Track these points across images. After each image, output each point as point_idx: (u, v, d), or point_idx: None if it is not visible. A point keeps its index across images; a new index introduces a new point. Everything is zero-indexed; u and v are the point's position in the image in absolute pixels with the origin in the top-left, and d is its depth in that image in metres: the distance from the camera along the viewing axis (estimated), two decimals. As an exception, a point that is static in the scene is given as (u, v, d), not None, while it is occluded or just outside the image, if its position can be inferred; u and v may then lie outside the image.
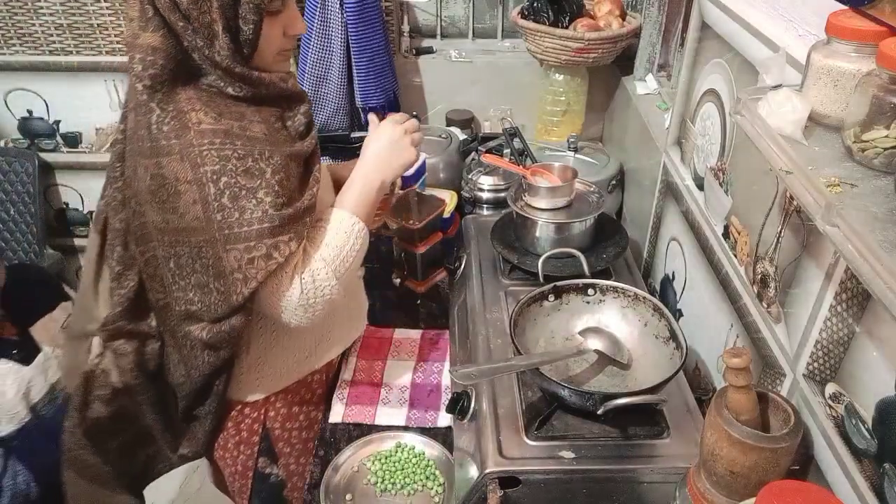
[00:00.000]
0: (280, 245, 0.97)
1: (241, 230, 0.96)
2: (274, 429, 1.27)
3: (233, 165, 0.95)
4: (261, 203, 0.96)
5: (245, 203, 0.95)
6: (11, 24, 2.14)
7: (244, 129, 0.97)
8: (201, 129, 0.94)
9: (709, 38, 1.28)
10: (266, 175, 0.97)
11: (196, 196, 0.95)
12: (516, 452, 1.01)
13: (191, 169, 0.94)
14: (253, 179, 0.96)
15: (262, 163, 0.97)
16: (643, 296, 1.19)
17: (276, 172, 0.98)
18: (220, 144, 0.94)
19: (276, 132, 1.02)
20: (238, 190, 0.95)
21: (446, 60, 2.17)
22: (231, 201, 0.95)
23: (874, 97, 0.67)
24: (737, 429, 0.80)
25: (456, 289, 1.51)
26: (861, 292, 0.77)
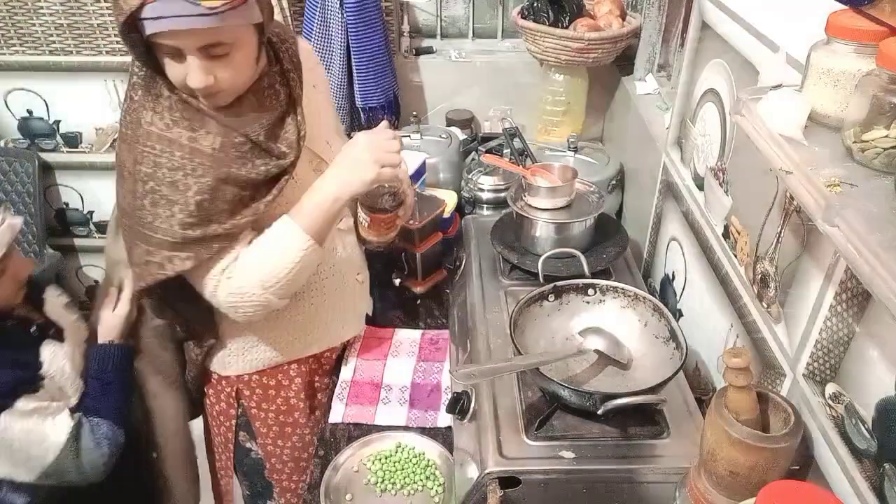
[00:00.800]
0: (174, 260, 1.02)
1: (148, 233, 1.02)
2: (250, 407, 1.33)
3: (162, 174, 0.99)
4: (172, 217, 1.00)
5: (161, 211, 1.00)
6: (11, 24, 2.14)
7: (193, 140, 1.00)
8: (149, 130, 1.00)
9: (709, 38, 1.28)
10: (188, 193, 0.99)
11: (131, 187, 1.02)
12: (516, 452, 1.01)
13: (132, 163, 1.01)
14: (175, 193, 1.00)
15: (191, 179, 1.00)
16: (643, 296, 1.19)
17: (200, 193, 1.00)
18: (158, 151, 0.99)
19: (228, 148, 1.02)
20: (159, 198, 1.00)
21: (446, 60, 2.17)
22: (151, 205, 1.01)
23: (874, 97, 0.67)
24: (737, 429, 0.80)
25: (456, 289, 1.51)
26: (861, 292, 0.77)
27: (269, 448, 1.36)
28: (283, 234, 1.07)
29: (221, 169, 1.01)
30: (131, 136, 1.01)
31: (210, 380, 1.34)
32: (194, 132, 1.01)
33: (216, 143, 1.01)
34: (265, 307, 1.10)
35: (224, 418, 1.36)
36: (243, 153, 1.03)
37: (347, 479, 1.17)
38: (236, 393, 1.32)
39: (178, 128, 1.00)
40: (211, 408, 1.37)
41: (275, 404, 1.33)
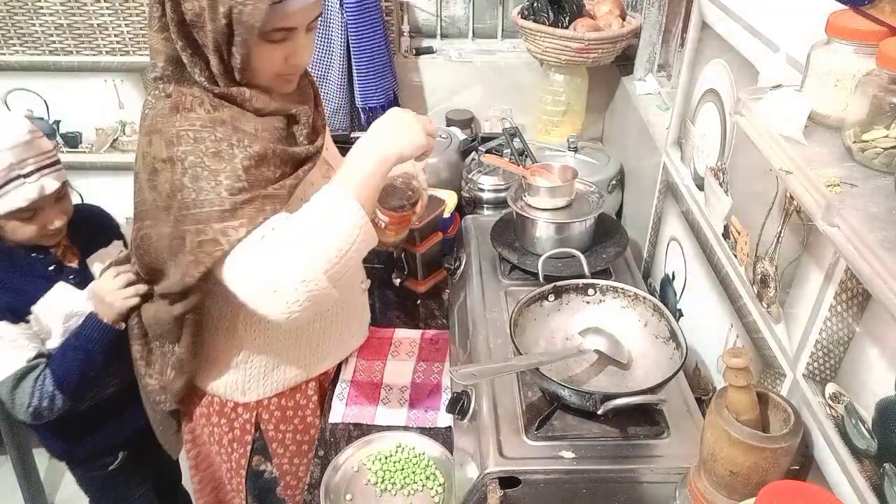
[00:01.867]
0: (228, 231, 0.93)
1: (194, 212, 0.94)
2: (268, 430, 1.28)
3: (205, 147, 0.94)
4: (218, 185, 0.93)
5: (204, 184, 0.94)
6: (11, 24, 2.14)
7: (236, 119, 0.98)
8: (189, 115, 0.96)
9: (709, 38, 1.28)
10: (235, 160, 0.94)
11: (168, 175, 0.95)
12: (516, 452, 1.01)
13: (166, 147, 0.95)
14: (220, 162, 0.94)
15: (237, 149, 0.95)
16: (643, 296, 1.19)
17: (248, 159, 0.95)
18: (199, 127, 0.95)
19: (271, 131, 1.01)
20: (201, 170, 0.94)
21: (446, 60, 2.17)
22: (192, 181, 0.94)
23: (874, 97, 0.67)
24: (737, 429, 0.80)
25: (456, 289, 1.51)
26: (861, 292, 0.77)
27: (286, 467, 1.32)
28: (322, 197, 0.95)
29: (266, 144, 0.98)
30: (163, 125, 0.96)
31: (222, 409, 1.26)
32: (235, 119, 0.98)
33: (258, 126, 0.99)
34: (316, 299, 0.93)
35: (238, 445, 1.29)
36: (282, 137, 1.02)
37: (347, 479, 1.17)
38: (255, 418, 1.27)
39: (220, 112, 0.98)
40: (221, 437, 1.29)
41: (292, 424, 1.30)
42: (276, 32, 0.95)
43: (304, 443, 1.32)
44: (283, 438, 1.30)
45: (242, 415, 1.26)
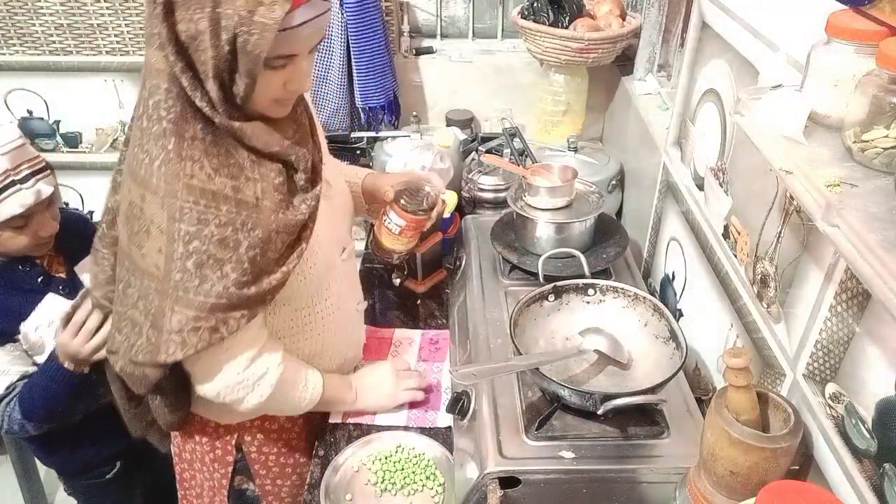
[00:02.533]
0: (230, 321, 0.94)
1: (196, 298, 0.92)
2: (250, 452, 1.24)
3: (209, 232, 0.90)
4: (224, 278, 0.91)
5: (209, 272, 0.91)
6: (11, 24, 2.14)
7: (237, 190, 0.92)
8: (191, 183, 0.90)
9: (709, 38, 1.28)
10: (240, 248, 0.92)
11: (163, 247, 0.91)
12: (516, 452, 1.01)
13: (167, 220, 0.90)
14: (225, 251, 0.91)
15: (241, 234, 0.92)
16: (643, 296, 1.19)
17: (252, 248, 0.93)
18: (203, 206, 0.90)
19: (271, 193, 0.95)
20: (206, 258, 0.91)
21: (446, 60, 2.17)
22: (195, 267, 0.91)
23: (874, 97, 0.67)
24: (737, 429, 0.80)
25: (456, 289, 1.51)
26: (861, 292, 0.77)
27: (268, 488, 1.29)
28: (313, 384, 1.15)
29: (270, 220, 0.94)
30: (166, 190, 0.90)
31: (203, 428, 1.23)
32: (236, 180, 0.92)
33: (258, 191, 0.93)
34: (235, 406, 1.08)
35: (219, 465, 1.25)
36: (284, 195, 0.96)
37: (347, 479, 1.17)
38: (237, 439, 1.23)
39: (221, 177, 0.91)
40: (203, 455, 1.26)
41: (276, 446, 1.26)
42: (279, 59, 0.89)
43: (287, 465, 1.28)
44: (265, 461, 1.26)
45: (224, 436, 1.23)
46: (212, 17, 0.82)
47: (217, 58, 0.84)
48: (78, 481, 1.60)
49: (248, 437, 1.23)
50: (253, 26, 0.81)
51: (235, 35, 0.82)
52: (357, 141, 2.09)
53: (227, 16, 0.81)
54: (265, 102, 0.93)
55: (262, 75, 0.88)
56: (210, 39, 0.83)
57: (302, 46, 0.90)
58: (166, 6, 0.84)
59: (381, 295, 1.63)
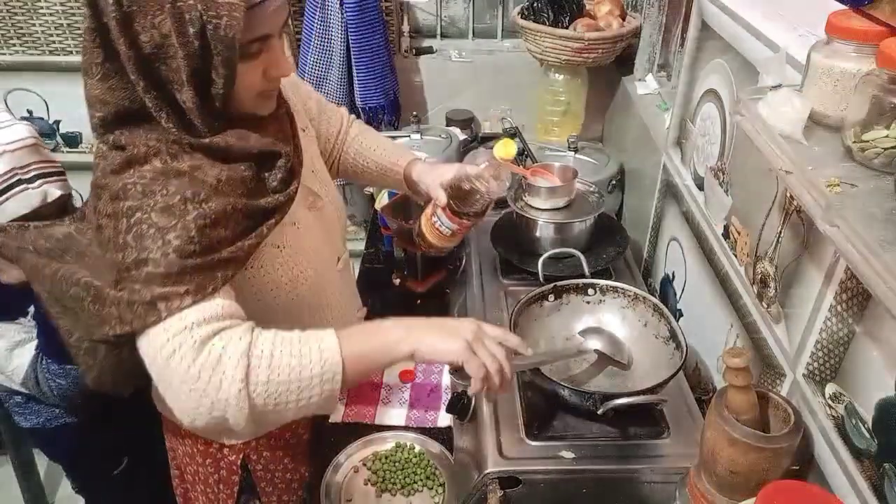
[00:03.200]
0: (170, 297, 0.79)
1: (133, 273, 0.81)
2: (256, 470, 1.21)
3: (153, 202, 0.81)
4: (166, 245, 0.80)
5: (149, 243, 0.80)
6: (11, 24, 2.14)
7: (195, 168, 0.85)
8: (141, 169, 0.83)
9: (709, 38, 1.28)
10: (187, 217, 0.82)
11: (110, 233, 0.83)
12: (516, 452, 1.01)
13: (111, 203, 0.83)
14: (170, 218, 0.81)
15: (191, 204, 0.82)
16: (643, 296, 1.19)
17: (203, 217, 0.82)
18: (149, 179, 0.82)
19: (235, 182, 0.88)
20: (147, 228, 0.81)
21: (446, 60, 2.17)
22: (135, 239, 0.81)
23: (874, 97, 0.67)
24: (737, 429, 0.80)
25: (456, 289, 1.51)
26: (861, 292, 0.77)
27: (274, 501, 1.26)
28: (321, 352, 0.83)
29: (227, 199, 0.86)
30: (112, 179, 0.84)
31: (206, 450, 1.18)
32: (198, 161, 0.86)
33: (222, 175, 0.86)
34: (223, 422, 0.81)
35: (224, 486, 1.20)
36: (249, 190, 0.89)
37: (347, 479, 1.17)
38: (243, 459, 1.18)
39: (178, 161, 0.85)
40: (207, 477, 1.20)
41: (282, 464, 1.23)
42: (253, 44, 0.82)
43: (294, 480, 1.25)
44: (272, 478, 1.23)
45: (228, 456, 1.17)
46: (173, 13, 0.76)
47: (189, 57, 0.78)
48: (85, 477, 1.61)
49: (254, 455, 1.18)
50: (220, 8, 0.76)
51: (204, 24, 0.76)
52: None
53: (189, 6, 0.76)
54: (250, 99, 0.88)
55: (241, 67, 0.82)
56: (178, 39, 0.77)
57: (272, 24, 0.84)
58: (121, 22, 0.77)
59: (381, 295, 1.63)
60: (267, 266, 0.98)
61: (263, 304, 1.00)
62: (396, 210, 1.59)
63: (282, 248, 0.99)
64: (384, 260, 1.75)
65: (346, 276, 1.21)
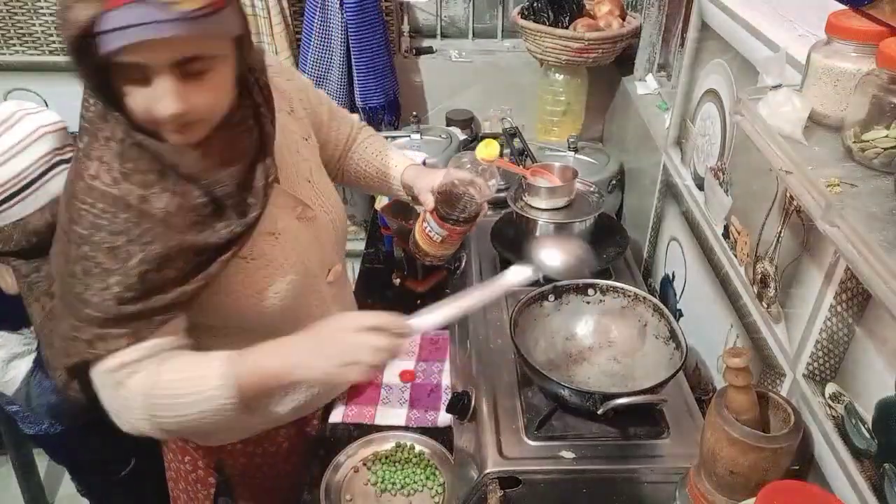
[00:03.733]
0: (108, 339, 0.85)
1: (77, 305, 0.85)
2: (233, 475, 1.22)
3: (100, 238, 0.83)
4: (107, 290, 0.83)
5: (93, 282, 0.84)
6: (11, 24, 2.14)
7: (143, 200, 0.84)
8: (92, 185, 0.83)
9: (709, 38, 1.28)
10: (130, 262, 0.83)
11: (62, 248, 0.86)
12: (516, 452, 1.01)
13: (67, 222, 0.85)
14: (114, 261, 0.83)
15: (135, 246, 0.83)
16: (643, 296, 1.19)
17: (145, 263, 0.83)
18: (99, 211, 0.83)
19: (185, 212, 0.86)
20: (93, 266, 0.83)
21: (446, 60, 2.17)
22: (83, 273, 0.84)
23: (874, 97, 0.67)
24: (737, 429, 0.80)
25: (456, 289, 1.51)
26: (861, 292, 0.77)
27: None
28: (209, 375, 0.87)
29: (175, 236, 0.85)
30: (70, 191, 0.85)
31: (185, 447, 1.20)
32: (146, 189, 0.84)
33: (171, 206, 0.85)
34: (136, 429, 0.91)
35: (202, 486, 1.23)
36: (203, 217, 0.87)
37: (347, 479, 1.17)
38: (218, 462, 1.19)
39: (128, 183, 0.83)
40: (186, 475, 1.23)
41: (260, 471, 1.23)
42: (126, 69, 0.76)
43: (274, 489, 1.25)
44: (249, 483, 1.23)
45: (204, 457, 1.19)
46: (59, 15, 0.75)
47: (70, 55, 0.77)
48: (92, 479, 1.60)
49: (229, 460, 1.19)
50: (64, 23, 0.74)
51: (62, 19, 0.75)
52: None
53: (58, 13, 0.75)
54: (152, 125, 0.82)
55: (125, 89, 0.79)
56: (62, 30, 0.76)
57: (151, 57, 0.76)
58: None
59: (381, 295, 1.63)
60: (229, 278, 0.95)
61: (227, 314, 0.98)
62: (396, 210, 1.60)
63: (248, 260, 0.96)
64: (384, 260, 1.75)
65: (338, 289, 1.17)
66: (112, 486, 1.58)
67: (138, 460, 1.57)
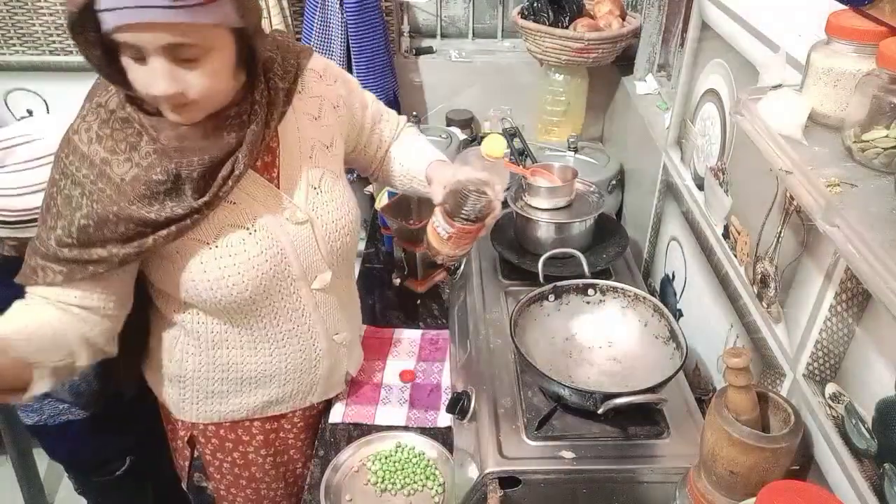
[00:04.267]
0: (47, 271, 0.93)
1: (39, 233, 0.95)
2: (205, 453, 1.25)
3: (63, 184, 0.92)
4: (52, 230, 0.93)
5: (48, 218, 0.94)
6: (11, 24, 2.14)
7: (105, 162, 0.91)
8: (71, 139, 0.92)
9: (709, 38, 1.28)
10: (77, 214, 0.91)
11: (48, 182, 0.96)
12: (516, 452, 1.01)
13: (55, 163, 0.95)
14: (65, 208, 0.92)
15: (84, 200, 0.91)
16: (643, 296, 1.19)
17: (87, 218, 0.91)
18: (67, 162, 0.92)
19: (138, 184, 0.91)
20: (52, 205, 0.93)
21: (446, 60, 2.17)
22: (45, 209, 0.95)
23: (874, 97, 0.67)
24: (737, 429, 0.80)
25: (456, 289, 1.51)
26: (861, 292, 0.77)
27: (222, 493, 1.29)
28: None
29: (119, 203, 0.91)
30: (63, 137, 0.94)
31: (167, 416, 1.25)
32: (114, 154, 0.91)
33: (128, 175, 0.91)
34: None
35: (179, 456, 1.29)
36: (154, 193, 0.92)
37: (347, 479, 1.17)
38: (190, 438, 1.23)
39: (99, 146, 0.91)
40: (170, 441, 1.30)
41: (231, 456, 1.25)
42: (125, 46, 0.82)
43: (242, 477, 1.27)
44: (220, 465, 1.26)
45: (179, 430, 1.24)
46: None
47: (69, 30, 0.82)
48: (89, 478, 1.60)
49: (202, 438, 1.23)
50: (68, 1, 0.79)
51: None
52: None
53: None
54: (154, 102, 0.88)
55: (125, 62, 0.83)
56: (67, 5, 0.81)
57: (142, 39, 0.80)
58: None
59: (381, 295, 1.63)
60: (187, 259, 1.00)
61: (186, 292, 1.02)
62: (396, 210, 1.60)
63: (211, 246, 0.99)
64: (384, 260, 1.75)
65: (323, 298, 1.15)
66: (108, 484, 1.58)
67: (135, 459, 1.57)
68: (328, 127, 1.11)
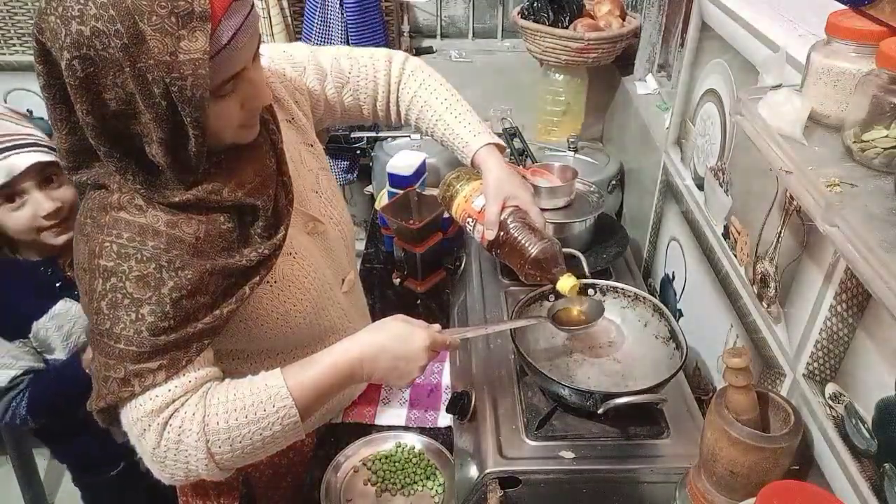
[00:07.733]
0: (144, 374, 0.80)
1: (107, 342, 0.81)
2: (259, 486, 1.20)
3: (128, 267, 0.80)
4: (139, 321, 0.80)
5: (122, 314, 0.80)
6: (11, 24, 2.14)
7: (172, 225, 0.82)
8: (117, 216, 0.81)
9: (709, 38, 1.28)
10: (163, 289, 0.80)
11: (87, 286, 0.83)
12: (516, 452, 1.01)
13: (88, 257, 0.82)
14: (144, 290, 0.80)
15: (167, 273, 0.81)
16: (643, 296, 1.19)
17: (178, 289, 0.81)
18: (125, 241, 0.80)
19: (214, 238, 0.85)
20: (121, 297, 0.80)
21: (446, 60, 2.17)
22: (109, 308, 0.80)
23: (874, 97, 0.67)
24: (737, 429, 0.80)
25: (456, 289, 1.51)
26: (861, 292, 0.77)
27: None
28: (269, 396, 0.85)
29: (206, 261, 0.83)
30: (90, 229, 0.82)
31: None
32: (174, 215, 0.82)
33: (200, 232, 0.83)
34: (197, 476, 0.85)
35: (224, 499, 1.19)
36: (230, 243, 0.86)
37: (347, 479, 1.17)
38: (244, 476, 1.16)
39: (155, 210, 0.82)
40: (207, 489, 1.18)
41: (284, 480, 1.21)
42: (225, 85, 0.78)
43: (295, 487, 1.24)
44: (272, 494, 1.22)
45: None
46: (134, 75, 0.71)
47: (158, 119, 0.74)
48: (84, 477, 1.61)
49: (255, 473, 1.18)
50: (183, 68, 0.71)
51: (167, 87, 0.72)
52: (357, 141, 2.09)
53: (150, 68, 0.70)
54: (229, 134, 0.84)
55: (214, 109, 0.78)
56: (143, 101, 0.73)
57: (243, 59, 0.78)
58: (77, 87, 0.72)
59: (381, 295, 1.63)
60: (255, 303, 0.95)
61: (254, 338, 0.98)
62: (396, 210, 1.60)
63: (272, 284, 0.96)
64: (384, 260, 1.75)
65: (353, 298, 1.17)
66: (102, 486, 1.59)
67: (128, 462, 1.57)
68: (302, 126, 1.08)
